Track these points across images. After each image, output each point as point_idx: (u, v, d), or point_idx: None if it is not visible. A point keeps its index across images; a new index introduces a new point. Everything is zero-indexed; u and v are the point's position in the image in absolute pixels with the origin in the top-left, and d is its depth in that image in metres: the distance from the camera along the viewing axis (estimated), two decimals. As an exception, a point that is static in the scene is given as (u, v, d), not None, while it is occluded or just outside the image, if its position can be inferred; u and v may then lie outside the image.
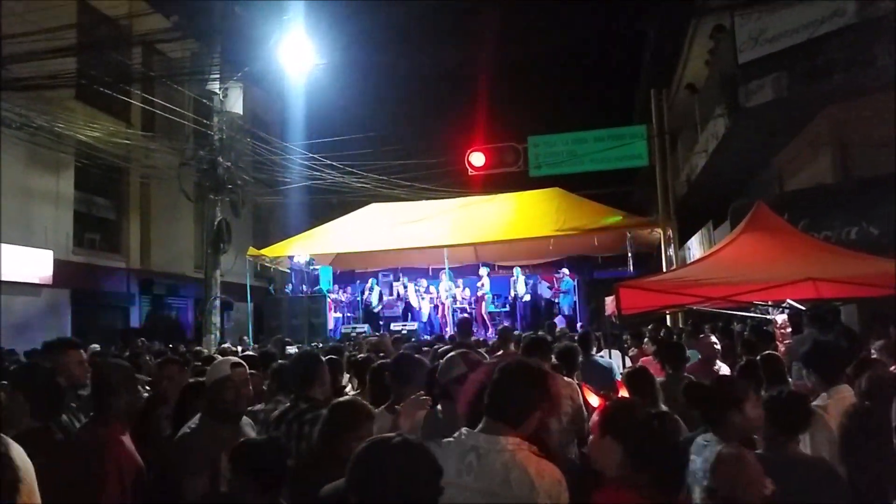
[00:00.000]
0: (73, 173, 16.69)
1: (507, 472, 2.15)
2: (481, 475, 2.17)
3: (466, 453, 2.21)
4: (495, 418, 2.26)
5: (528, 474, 2.13)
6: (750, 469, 2.29)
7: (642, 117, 16.06)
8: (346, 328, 16.76)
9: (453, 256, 16.61)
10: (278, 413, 3.56)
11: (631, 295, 6.24)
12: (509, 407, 2.26)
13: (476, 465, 2.19)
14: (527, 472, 2.14)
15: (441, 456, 2.15)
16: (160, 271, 19.93)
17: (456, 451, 2.23)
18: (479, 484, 2.16)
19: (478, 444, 2.22)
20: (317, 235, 17.45)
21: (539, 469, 2.15)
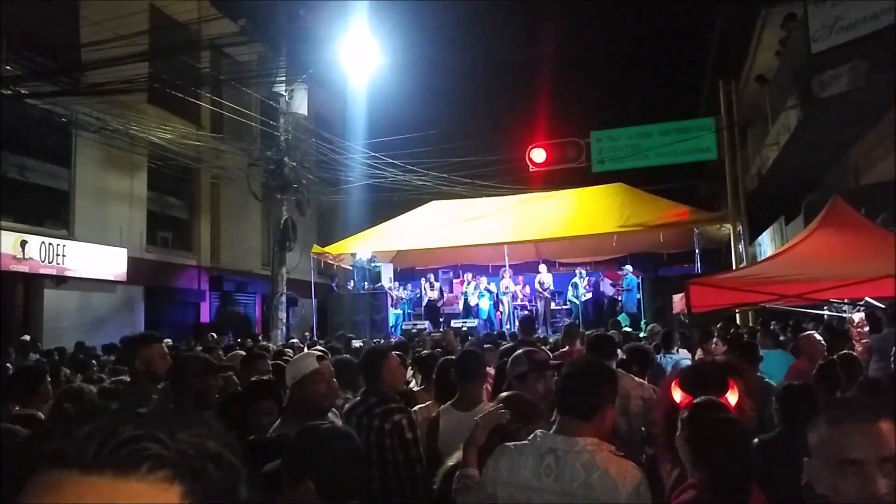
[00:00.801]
0: (146, 174, 17.38)
1: (588, 474, 2.13)
2: (561, 477, 2.15)
3: (544, 456, 2.19)
4: (569, 414, 2.25)
5: (610, 475, 2.12)
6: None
7: (709, 110, 15.64)
8: (407, 325, 16.92)
9: (514, 253, 16.54)
10: (349, 407, 3.63)
11: (702, 292, 6.10)
12: (581, 403, 2.26)
13: (555, 467, 2.17)
14: (608, 472, 2.12)
15: (518, 459, 2.20)
16: (229, 268, 20.58)
17: (533, 453, 2.21)
18: (560, 486, 2.14)
19: (555, 445, 2.20)
20: (378, 233, 17.66)
21: (621, 469, 2.13)
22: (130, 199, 16.98)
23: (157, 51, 14.81)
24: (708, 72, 18.19)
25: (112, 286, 16.08)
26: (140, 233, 17.26)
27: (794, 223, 11.75)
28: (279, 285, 15.26)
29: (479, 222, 16.18)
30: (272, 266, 15.69)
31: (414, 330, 15.68)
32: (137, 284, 16.89)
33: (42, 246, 13.95)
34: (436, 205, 17.70)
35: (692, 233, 14.82)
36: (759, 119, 14.63)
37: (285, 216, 15.12)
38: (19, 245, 13.44)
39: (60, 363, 8.06)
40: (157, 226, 18.25)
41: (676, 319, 9.03)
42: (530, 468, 2.18)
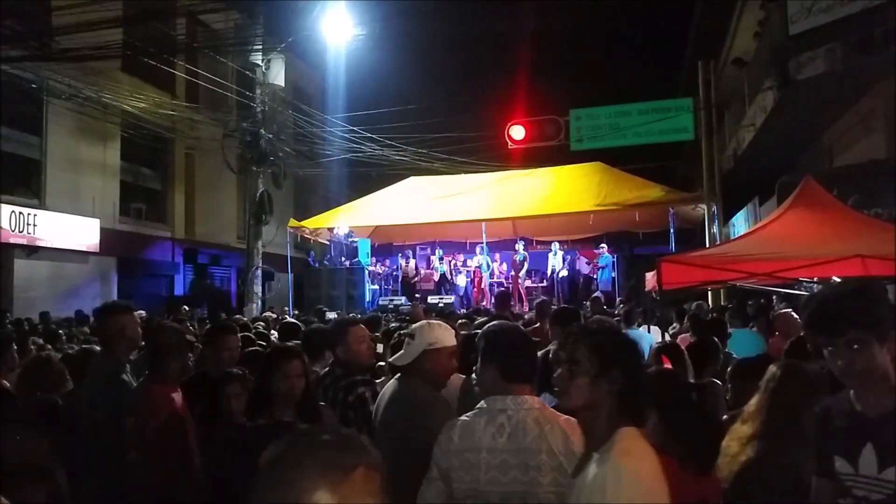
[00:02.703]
0: (119, 144, 17.09)
1: (540, 427, 2.23)
2: (514, 435, 2.22)
3: (496, 417, 2.26)
4: (511, 381, 2.33)
5: (561, 426, 2.22)
6: None
7: (687, 90, 15.68)
8: (384, 300, 16.92)
9: (491, 230, 16.57)
10: (316, 379, 3.63)
11: (673, 270, 6.17)
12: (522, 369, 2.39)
13: (508, 426, 2.24)
14: (558, 424, 2.23)
15: (470, 425, 2.26)
16: (204, 241, 20.38)
17: (486, 417, 2.28)
18: (514, 443, 2.21)
19: (505, 406, 2.27)
20: (356, 208, 17.57)
21: (568, 422, 2.20)
22: (103, 169, 16.69)
23: (131, 17, 14.45)
24: (687, 52, 18.24)
25: (84, 257, 15.87)
26: (113, 203, 17.00)
27: (768, 204, 11.87)
28: (254, 259, 15.18)
29: (458, 199, 16.17)
30: (248, 239, 15.59)
31: (391, 305, 15.68)
32: (110, 256, 16.69)
33: (12, 215, 13.70)
34: (414, 180, 17.64)
35: (668, 212, 14.94)
36: (737, 101, 14.70)
37: (261, 189, 14.99)
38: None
39: (31, 333, 7.96)
40: (130, 196, 17.99)
41: (649, 297, 9.14)
42: (483, 430, 2.24)
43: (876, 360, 1.83)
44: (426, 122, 16.72)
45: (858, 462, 1.88)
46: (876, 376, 1.85)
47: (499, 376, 2.31)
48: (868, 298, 1.88)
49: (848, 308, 1.86)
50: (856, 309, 1.85)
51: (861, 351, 1.83)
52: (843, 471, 1.92)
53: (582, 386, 1.88)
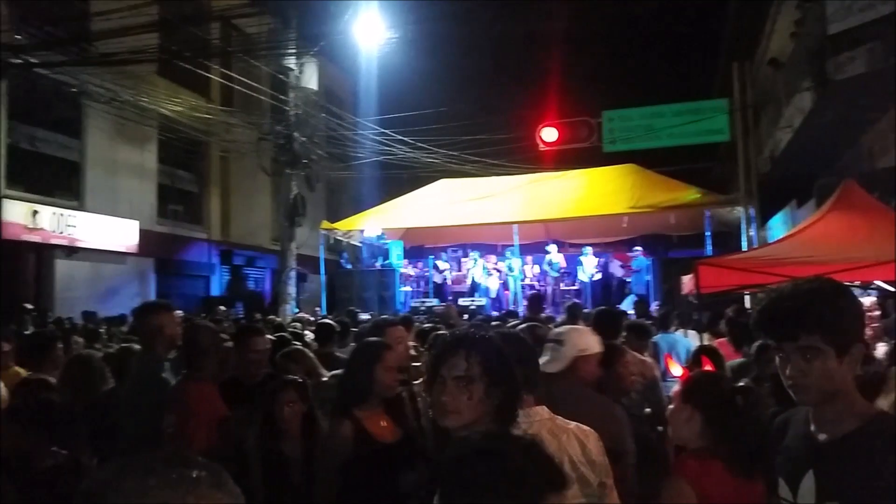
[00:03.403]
0: (156, 147, 17.41)
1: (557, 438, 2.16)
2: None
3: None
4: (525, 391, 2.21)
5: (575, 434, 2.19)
6: None
7: (722, 91, 15.45)
8: (416, 302, 16.95)
9: (523, 233, 16.47)
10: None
11: (711, 273, 6.09)
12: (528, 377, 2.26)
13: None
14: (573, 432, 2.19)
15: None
16: (239, 243, 20.67)
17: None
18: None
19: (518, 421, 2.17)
20: (387, 210, 17.63)
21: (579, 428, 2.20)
22: (141, 172, 17.03)
23: (167, 21, 14.72)
24: (722, 53, 17.96)
25: (123, 258, 16.19)
26: (151, 205, 17.33)
27: (806, 207, 11.65)
28: (288, 260, 15.32)
29: (489, 201, 16.13)
30: (281, 241, 15.73)
31: (422, 307, 15.71)
32: (148, 256, 17.00)
33: (53, 216, 14.04)
34: (445, 183, 17.65)
35: (703, 215, 14.73)
36: (773, 102, 14.44)
37: (295, 191, 15.12)
38: (31, 215, 13.53)
39: (71, 332, 8.15)
40: (167, 198, 18.32)
41: (685, 301, 9.01)
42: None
43: (830, 374, 1.55)
44: (457, 124, 16.72)
45: (798, 490, 1.62)
46: (828, 393, 1.58)
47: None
48: (828, 301, 1.58)
49: (802, 310, 1.58)
50: (812, 312, 1.57)
51: (812, 361, 1.55)
52: (784, 496, 1.67)
53: (476, 403, 1.83)
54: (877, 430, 1.54)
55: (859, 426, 1.55)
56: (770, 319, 1.65)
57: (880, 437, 1.52)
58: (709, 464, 2.05)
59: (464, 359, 1.85)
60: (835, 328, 1.56)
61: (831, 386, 1.57)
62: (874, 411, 1.62)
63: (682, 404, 2.20)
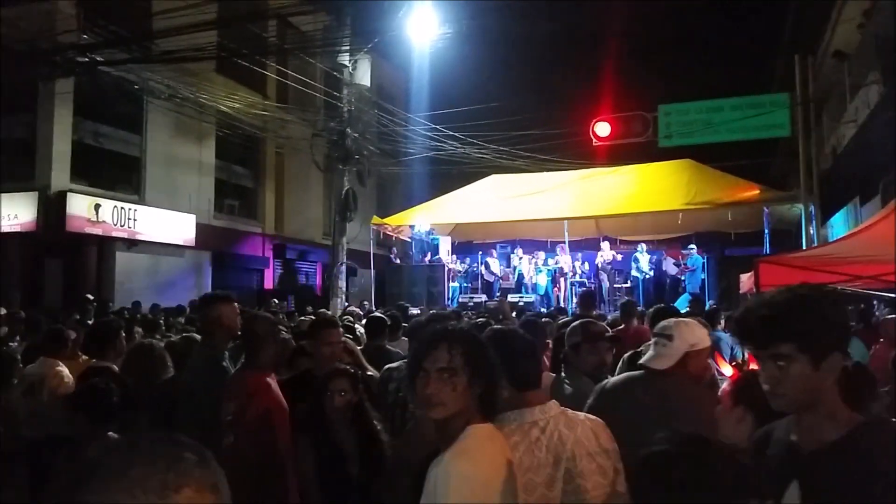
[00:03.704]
0: (214, 143, 17.83)
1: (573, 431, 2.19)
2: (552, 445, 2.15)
3: (529, 432, 2.16)
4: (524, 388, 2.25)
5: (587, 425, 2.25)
6: None
7: (782, 85, 14.98)
8: (464, 297, 16.95)
9: (573, 229, 16.31)
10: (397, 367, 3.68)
11: (772, 271, 5.90)
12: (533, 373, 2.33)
13: (543, 437, 2.16)
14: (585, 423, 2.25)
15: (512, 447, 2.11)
16: (292, 237, 21.04)
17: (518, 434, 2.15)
18: (553, 454, 2.14)
19: (535, 417, 2.19)
20: (437, 206, 17.66)
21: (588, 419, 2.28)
22: (199, 167, 17.47)
23: (225, 19, 15.04)
24: (783, 45, 17.39)
25: (181, 251, 16.64)
26: (208, 200, 17.77)
27: (870, 204, 11.20)
28: (339, 255, 15.49)
29: (539, 197, 15.99)
30: (333, 236, 15.92)
31: (471, 303, 15.71)
32: (205, 250, 17.44)
33: (115, 210, 14.51)
34: (495, 178, 17.58)
35: (762, 212, 14.30)
36: (836, 95, 13.95)
37: (347, 187, 15.29)
38: (93, 208, 14.01)
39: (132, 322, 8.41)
40: (224, 193, 18.76)
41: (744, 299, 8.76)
42: (521, 450, 2.12)
43: (804, 382, 1.54)
44: (509, 119, 16.62)
45: (782, 501, 1.59)
46: (805, 401, 1.57)
47: (510, 386, 2.17)
48: (805, 308, 1.56)
49: (777, 317, 1.56)
50: (786, 319, 1.55)
51: (786, 369, 1.53)
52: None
53: (460, 394, 1.89)
54: (861, 439, 1.51)
55: (843, 435, 1.53)
56: (744, 327, 1.65)
57: (865, 445, 1.50)
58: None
59: (446, 351, 1.91)
60: (809, 337, 1.53)
61: (807, 394, 1.55)
62: (858, 420, 1.57)
63: (734, 405, 2.16)
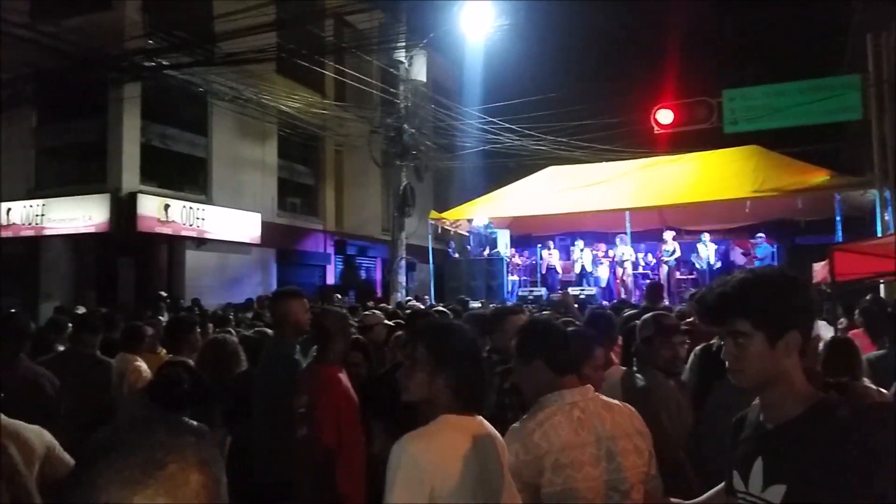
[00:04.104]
0: (276, 142, 18.23)
1: (611, 413, 2.30)
2: (593, 425, 2.25)
3: (571, 412, 2.26)
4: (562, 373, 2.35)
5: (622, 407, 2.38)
6: None
7: (853, 66, 14.33)
8: (523, 291, 16.88)
9: (635, 220, 15.99)
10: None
11: (847, 260, 5.68)
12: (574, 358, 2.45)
13: (584, 417, 2.26)
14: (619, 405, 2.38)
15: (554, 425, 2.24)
16: (352, 233, 21.37)
17: (561, 415, 2.24)
18: (594, 434, 2.24)
19: (574, 399, 2.29)
20: (494, 199, 17.62)
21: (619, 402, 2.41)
22: (262, 167, 17.90)
23: (284, 21, 15.33)
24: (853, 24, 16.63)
25: (247, 248, 17.09)
26: (272, 198, 18.19)
27: (954, 188, 10.64)
28: (399, 250, 15.66)
29: (599, 188, 15.77)
30: (392, 231, 16.10)
31: (530, 296, 15.62)
32: (270, 247, 17.87)
33: (183, 210, 14.98)
34: (553, 170, 17.42)
35: (833, 199, 13.75)
36: (913, 75, 13.25)
37: (404, 182, 15.42)
38: (163, 209, 14.49)
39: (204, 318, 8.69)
40: (286, 192, 19.17)
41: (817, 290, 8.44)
42: (565, 428, 2.22)
43: (762, 359, 1.57)
44: (567, 109, 16.43)
45: (749, 478, 1.63)
46: (764, 379, 1.60)
47: (549, 370, 2.30)
48: (763, 287, 1.60)
49: (733, 294, 1.61)
50: (742, 297, 1.59)
51: (744, 346, 1.58)
52: (738, 487, 1.68)
53: (420, 382, 2.05)
54: (819, 415, 1.55)
55: (802, 412, 1.57)
56: (703, 304, 1.71)
57: (822, 421, 1.54)
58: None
59: (412, 345, 2.16)
60: (764, 314, 1.57)
61: (765, 371, 1.59)
62: (818, 397, 1.60)
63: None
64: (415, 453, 1.95)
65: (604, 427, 2.24)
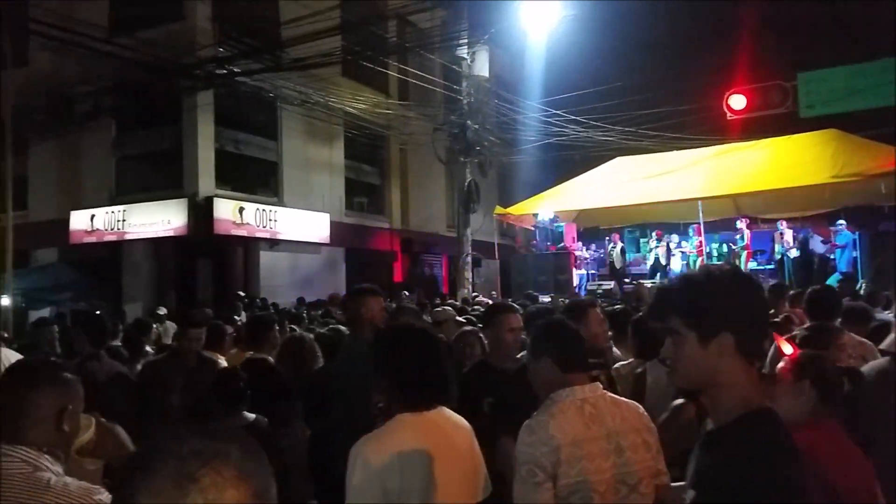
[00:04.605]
0: (343, 143, 18.56)
1: (619, 409, 2.38)
2: (603, 420, 2.32)
3: (582, 407, 2.33)
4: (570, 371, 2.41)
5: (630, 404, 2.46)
6: None
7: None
8: (592, 285, 16.66)
9: (708, 209, 15.51)
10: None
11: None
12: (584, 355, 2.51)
13: (595, 412, 2.33)
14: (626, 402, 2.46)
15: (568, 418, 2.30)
16: (417, 230, 21.55)
17: (572, 410, 2.32)
18: (604, 429, 2.31)
19: (584, 394, 2.36)
20: (560, 192, 17.39)
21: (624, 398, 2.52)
22: (330, 168, 18.26)
23: (349, 24, 15.55)
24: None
25: (317, 248, 17.47)
26: (339, 198, 18.54)
27: None
28: (464, 246, 15.69)
29: (669, 177, 15.34)
30: (457, 227, 16.14)
31: (599, 290, 15.40)
32: (339, 246, 18.21)
33: (257, 212, 15.43)
34: (621, 160, 17.05)
35: (920, 182, 12.99)
36: None
37: (469, 178, 15.43)
38: (238, 211, 14.96)
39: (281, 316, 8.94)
40: (353, 191, 19.50)
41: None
42: (577, 422, 2.29)
43: (693, 359, 1.50)
44: (634, 98, 16.08)
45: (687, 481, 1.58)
46: (696, 380, 1.53)
47: (557, 369, 2.38)
48: (700, 286, 1.53)
49: (671, 292, 1.59)
50: (676, 293, 1.56)
51: (678, 345, 1.51)
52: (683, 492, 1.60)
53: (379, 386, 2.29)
54: (735, 429, 1.46)
55: (724, 424, 1.48)
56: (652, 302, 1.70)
57: (734, 439, 1.45)
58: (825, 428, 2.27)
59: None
60: (693, 312, 1.50)
61: (697, 372, 1.52)
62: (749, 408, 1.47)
63: (795, 380, 2.35)
64: (367, 455, 2.05)
65: (613, 422, 2.32)
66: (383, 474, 2.02)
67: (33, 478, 1.56)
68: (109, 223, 15.41)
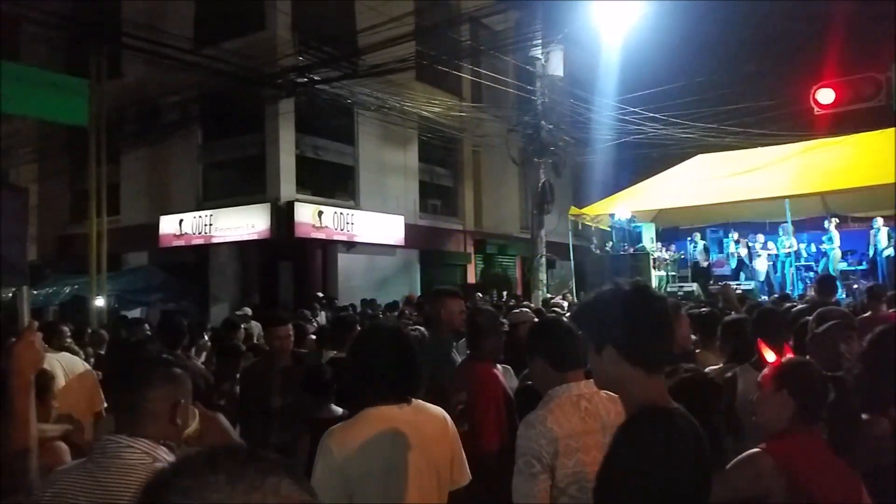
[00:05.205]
0: (417, 147, 18.78)
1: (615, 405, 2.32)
2: (599, 415, 2.42)
3: (579, 402, 2.43)
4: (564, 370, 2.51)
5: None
6: None
7: None
8: (672, 287, 16.21)
9: (796, 208, 14.84)
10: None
11: None
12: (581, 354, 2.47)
13: (591, 408, 2.42)
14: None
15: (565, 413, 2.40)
16: (491, 232, 21.55)
17: (569, 405, 2.42)
18: (600, 423, 2.39)
19: (580, 391, 2.45)
20: (637, 192, 16.98)
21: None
22: (404, 171, 18.50)
23: (423, 29, 15.72)
24: None
25: (392, 250, 17.74)
26: (413, 201, 18.75)
27: None
28: (538, 247, 15.57)
29: (754, 175, 14.74)
30: (531, 229, 16.04)
31: (680, 293, 14.97)
32: (413, 248, 18.42)
33: (335, 215, 15.79)
34: (702, 158, 16.50)
35: None
36: None
37: (543, 179, 15.30)
38: (317, 215, 15.35)
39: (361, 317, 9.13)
40: (427, 194, 19.70)
41: None
42: (574, 417, 2.39)
43: (596, 365, 1.75)
44: (716, 94, 15.57)
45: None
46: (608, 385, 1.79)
47: (550, 367, 2.50)
48: (596, 302, 1.79)
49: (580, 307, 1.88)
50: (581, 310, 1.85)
51: (588, 353, 1.77)
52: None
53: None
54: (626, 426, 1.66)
55: (622, 423, 1.69)
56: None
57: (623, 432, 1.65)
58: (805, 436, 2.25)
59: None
60: (587, 326, 1.80)
61: (603, 377, 1.75)
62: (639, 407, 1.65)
63: (776, 389, 2.32)
64: (330, 447, 2.16)
65: (608, 417, 2.38)
66: (344, 464, 2.14)
67: (153, 468, 1.67)
68: (197, 227, 16.09)
